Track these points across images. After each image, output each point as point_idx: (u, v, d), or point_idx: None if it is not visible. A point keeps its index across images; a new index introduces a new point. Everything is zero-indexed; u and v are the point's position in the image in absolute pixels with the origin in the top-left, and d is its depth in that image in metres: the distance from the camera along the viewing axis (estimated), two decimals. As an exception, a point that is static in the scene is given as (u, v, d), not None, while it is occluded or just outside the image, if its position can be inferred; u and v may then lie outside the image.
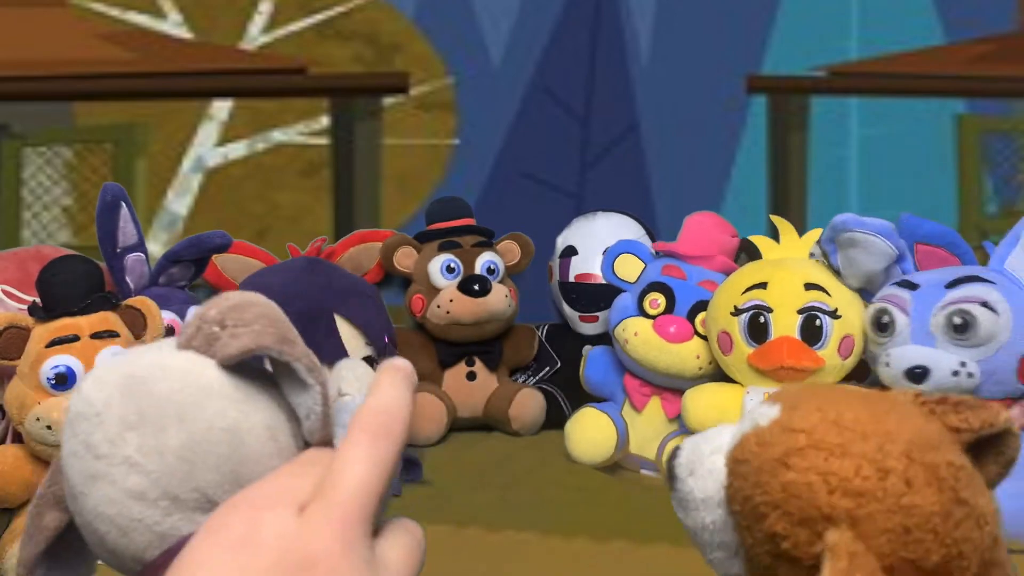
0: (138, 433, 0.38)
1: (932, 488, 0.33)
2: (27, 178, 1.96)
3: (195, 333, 0.40)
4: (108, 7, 1.96)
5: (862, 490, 0.33)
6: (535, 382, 1.31)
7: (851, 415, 0.35)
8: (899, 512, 0.33)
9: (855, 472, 0.34)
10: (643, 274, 1.13)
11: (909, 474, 0.33)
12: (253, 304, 0.40)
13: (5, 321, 0.87)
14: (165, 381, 0.39)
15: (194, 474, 0.38)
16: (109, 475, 0.38)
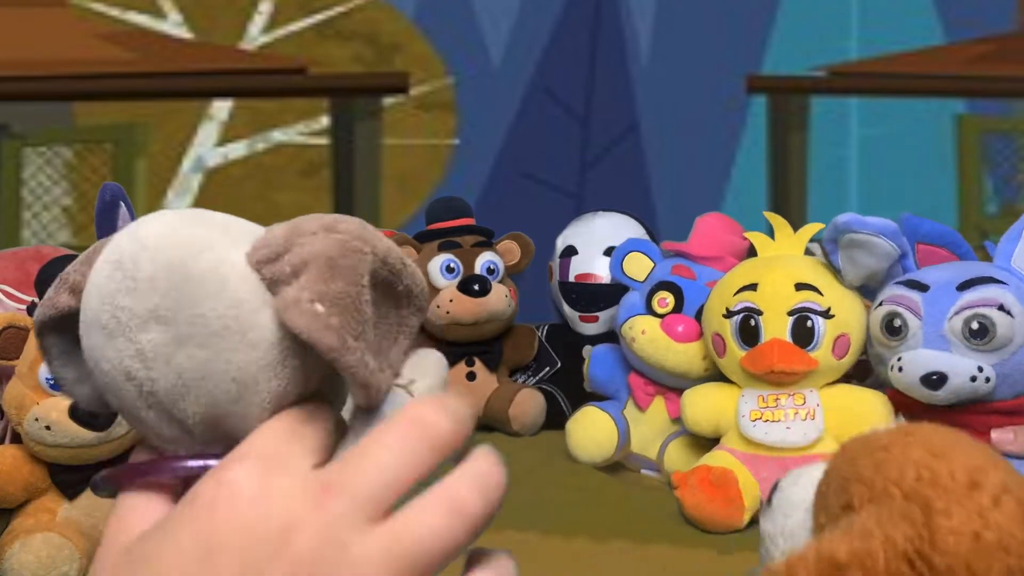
0: (161, 330, 0.36)
1: (1018, 518, 0.33)
2: (27, 178, 1.96)
3: (272, 263, 0.37)
4: (108, 7, 1.96)
5: (948, 487, 0.34)
6: (535, 382, 1.31)
7: (966, 442, 0.36)
8: (977, 521, 0.33)
9: (949, 473, 0.34)
10: (652, 273, 1.13)
11: (1002, 498, 0.34)
12: (343, 270, 0.36)
13: (4, 321, 0.87)
14: (215, 300, 0.36)
15: (184, 397, 0.36)
16: (116, 341, 0.36)
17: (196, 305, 0.36)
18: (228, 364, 0.36)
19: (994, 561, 0.33)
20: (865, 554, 0.32)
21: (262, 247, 0.37)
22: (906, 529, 0.33)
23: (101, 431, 0.84)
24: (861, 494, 0.35)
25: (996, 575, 0.33)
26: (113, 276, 0.37)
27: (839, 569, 0.32)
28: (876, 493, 0.35)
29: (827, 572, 0.32)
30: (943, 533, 0.33)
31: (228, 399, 0.36)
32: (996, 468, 0.35)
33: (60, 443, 0.85)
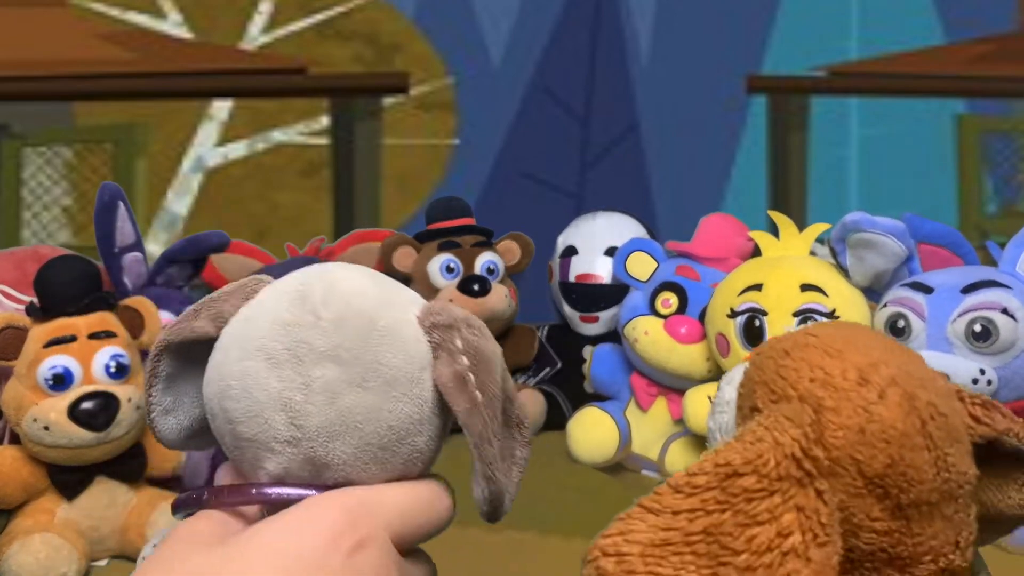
0: (336, 370, 0.38)
1: (901, 409, 0.36)
2: (27, 178, 1.95)
3: (444, 329, 0.40)
4: (108, 7, 1.96)
5: (838, 386, 0.36)
6: (535, 383, 1.31)
7: (865, 339, 0.38)
8: (862, 414, 0.36)
9: (840, 372, 0.37)
10: (656, 273, 1.13)
11: (887, 391, 0.36)
12: (497, 371, 0.40)
13: (2, 321, 0.87)
14: (393, 351, 0.39)
15: (337, 435, 0.38)
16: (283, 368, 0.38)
17: (376, 353, 0.38)
18: (390, 413, 0.38)
19: (877, 452, 0.35)
20: (756, 458, 0.34)
21: (435, 314, 0.41)
22: (792, 431, 0.35)
23: (100, 432, 0.84)
24: (764, 397, 0.38)
25: (879, 465, 0.35)
26: (293, 309, 0.39)
27: (736, 474, 0.33)
28: (777, 396, 0.37)
29: (725, 478, 0.33)
30: (831, 429, 0.36)
31: (379, 445, 0.39)
32: (887, 364, 0.37)
33: (59, 444, 0.85)
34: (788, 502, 0.33)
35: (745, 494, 0.33)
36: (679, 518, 0.33)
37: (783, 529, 0.33)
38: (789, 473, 0.34)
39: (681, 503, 0.34)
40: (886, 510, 0.36)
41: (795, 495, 0.34)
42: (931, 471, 0.36)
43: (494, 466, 0.40)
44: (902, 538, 0.36)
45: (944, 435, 0.36)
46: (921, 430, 0.36)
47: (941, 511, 0.36)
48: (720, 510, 0.33)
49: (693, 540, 0.33)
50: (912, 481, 0.35)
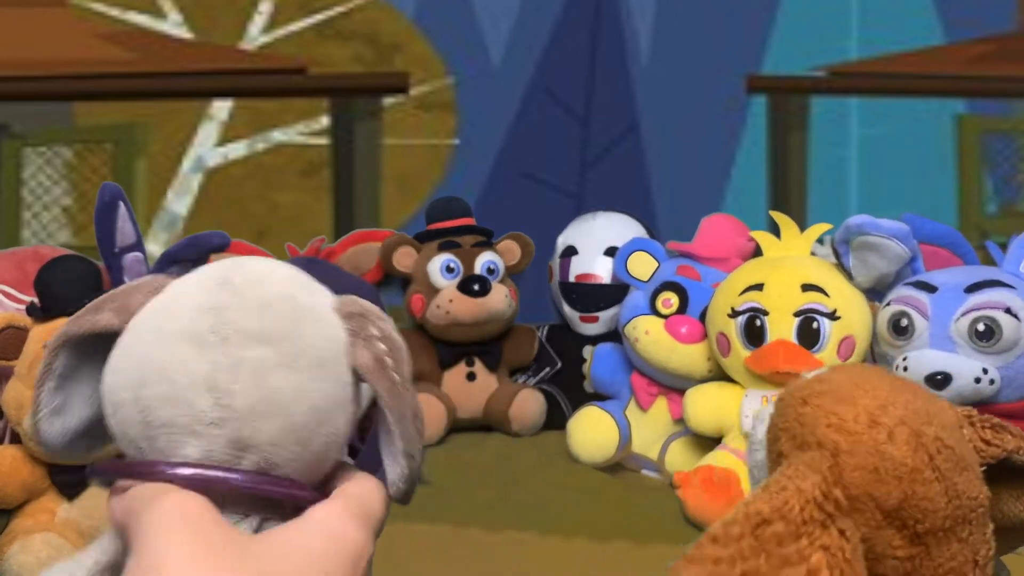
0: (265, 350, 0.39)
1: (909, 447, 0.39)
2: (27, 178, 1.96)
3: (358, 318, 0.41)
4: (108, 7, 1.96)
5: (851, 430, 0.40)
6: (535, 382, 1.31)
7: (873, 382, 0.42)
8: (875, 455, 0.39)
9: (853, 418, 0.40)
10: (657, 273, 1.13)
11: (895, 431, 0.40)
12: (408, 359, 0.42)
13: (3, 321, 0.87)
14: (318, 332, 0.40)
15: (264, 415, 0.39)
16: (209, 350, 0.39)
17: (304, 334, 0.39)
18: (314, 392, 0.39)
19: (891, 488, 0.39)
20: (782, 505, 0.38)
21: (349, 304, 0.41)
22: (812, 477, 0.39)
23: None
24: (788, 443, 0.42)
25: (895, 500, 0.39)
26: (219, 294, 0.39)
27: (765, 522, 0.37)
28: (798, 441, 0.41)
29: (756, 526, 0.37)
30: (849, 470, 0.39)
31: (303, 425, 0.39)
32: (895, 404, 0.41)
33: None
34: (814, 543, 0.37)
35: (775, 539, 0.37)
36: (720, 566, 0.37)
37: (812, 568, 0.37)
38: (813, 517, 0.37)
39: (720, 551, 0.37)
40: (905, 539, 0.39)
41: (820, 536, 0.37)
42: (942, 500, 0.39)
43: (414, 445, 0.40)
44: (923, 563, 0.40)
45: (952, 466, 0.40)
46: (929, 464, 0.39)
47: (956, 535, 0.40)
48: (755, 556, 0.37)
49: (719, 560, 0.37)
50: (926, 512, 0.39)
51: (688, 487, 0.98)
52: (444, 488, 1.10)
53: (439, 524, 0.99)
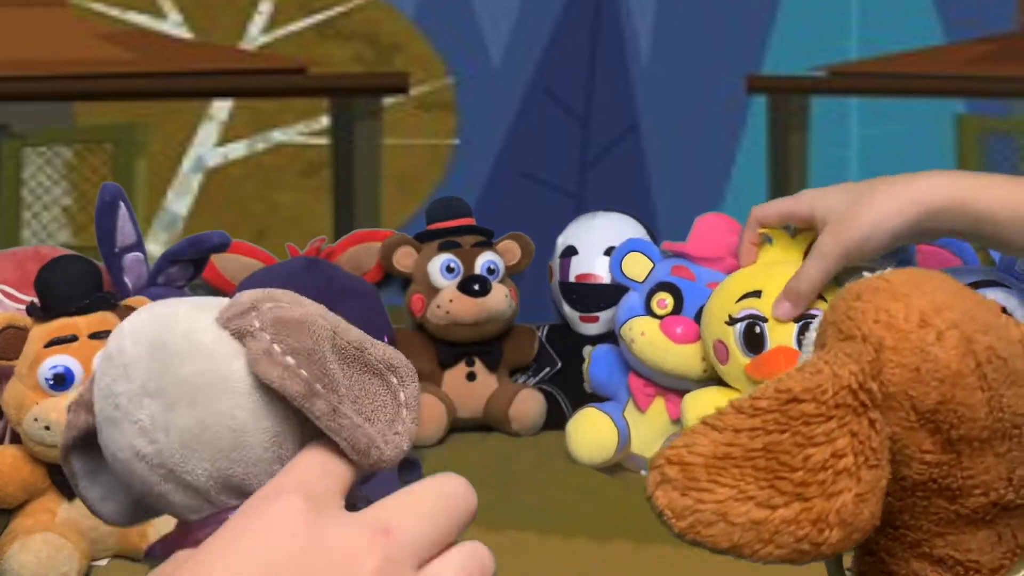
0: (154, 402, 0.39)
1: (958, 351, 0.38)
2: (27, 178, 1.96)
3: (240, 317, 0.40)
4: (108, 7, 1.96)
5: (900, 328, 0.39)
6: (535, 382, 1.31)
7: (934, 284, 0.40)
8: (919, 354, 0.38)
9: (904, 316, 0.39)
10: (651, 274, 1.13)
11: (945, 333, 0.38)
12: (308, 330, 0.39)
13: (3, 321, 0.87)
14: (190, 361, 0.39)
15: (189, 459, 0.39)
16: (122, 426, 0.40)
17: (177, 369, 0.39)
18: (218, 415, 0.39)
19: (930, 389, 0.38)
20: (816, 387, 0.36)
21: (230, 307, 0.41)
22: (850, 365, 0.37)
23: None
24: (833, 336, 0.40)
25: (931, 401, 0.37)
26: (107, 370, 0.40)
27: (796, 400, 0.36)
28: (844, 335, 0.40)
29: (786, 403, 0.36)
30: (890, 367, 0.38)
31: (229, 448, 0.39)
32: (951, 308, 0.39)
33: (60, 443, 0.85)
34: (843, 427, 0.36)
35: (804, 418, 0.36)
36: (741, 435, 0.36)
37: (837, 451, 0.35)
38: (845, 402, 0.36)
39: (743, 422, 0.36)
40: (937, 444, 0.38)
41: (850, 422, 0.36)
42: (983, 410, 0.37)
43: (329, 418, 0.38)
44: (951, 470, 0.38)
45: (1001, 377, 0.38)
46: (976, 370, 0.38)
47: (993, 448, 0.38)
48: (780, 431, 0.36)
49: (754, 455, 0.35)
50: (963, 418, 0.37)
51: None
52: (444, 488, 1.09)
53: (439, 524, 0.99)
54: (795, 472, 0.35)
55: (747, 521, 0.35)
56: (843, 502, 0.35)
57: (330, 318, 0.41)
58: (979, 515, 0.39)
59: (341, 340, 0.41)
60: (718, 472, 0.36)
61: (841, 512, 0.35)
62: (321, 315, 0.41)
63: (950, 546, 0.39)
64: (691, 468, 0.36)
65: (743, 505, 0.35)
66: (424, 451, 1.18)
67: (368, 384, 0.40)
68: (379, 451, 0.38)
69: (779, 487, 0.35)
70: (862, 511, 0.35)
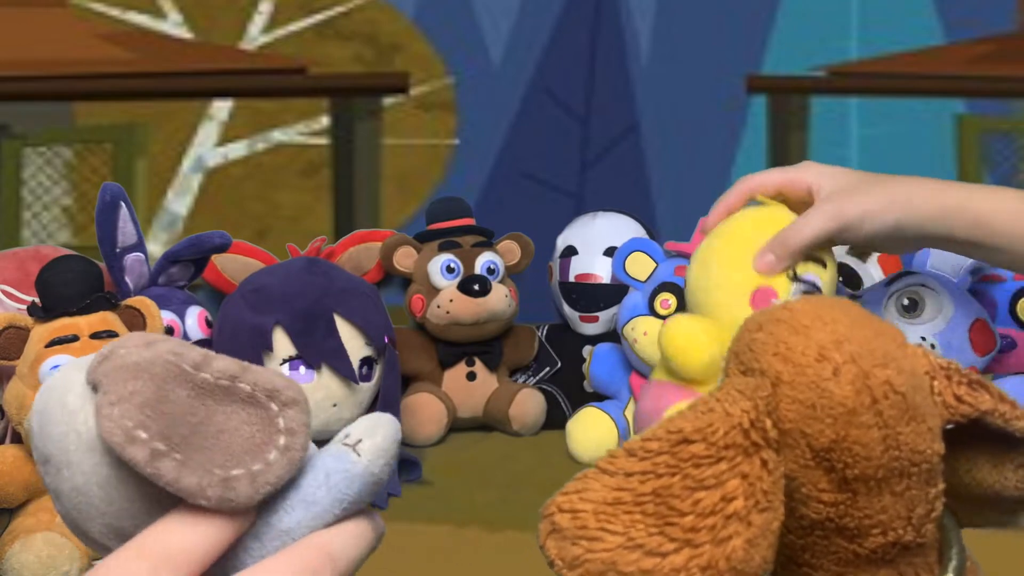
0: (47, 469, 0.38)
1: (853, 387, 0.37)
2: (27, 178, 1.96)
3: (93, 370, 0.38)
4: (108, 7, 1.96)
5: (797, 362, 0.38)
6: (535, 382, 1.31)
7: (836, 315, 0.39)
8: (815, 390, 0.37)
9: (801, 350, 0.38)
10: (654, 274, 1.13)
11: (842, 368, 0.37)
12: (144, 374, 0.37)
13: (4, 321, 0.87)
14: (59, 424, 0.38)
15: (82, 520, 0.38)
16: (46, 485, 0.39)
17: (51, 434, 0.38)
18: (85, 473, 0.37)
19: (824, 427, 0.37)
20: (706, 427, 0.36)
21: (94, 359, 0.38)
22: (742, 403, 0.37)
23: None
24: (734, 367, 0.40)
25: (826, 440, 0.37)
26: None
27: (686, 441, 0.35)
28: (744, 367, 0.39)
29: (676, 444, 0.35)
30: (786, 402, 0.37)
31: (105, 504, 0.37)
32: (851, 340, 0.38)
33: None
34: (734, 469, 0.35)
35: (694, 460, 0.35)
36: (631, 479, 0.35)
37: (727, 494, 0.34)
38: (736, 442, 0.35)
39: (634, 466, 0.35)
40: (832, 483, 0.37)
41: (740, 463, 0.35)
42: (879, 448, 0.37)
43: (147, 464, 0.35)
44: (848, 510, 0.37)
45: (898, 414, 0.37)
46: (871, 407, 0.37)
47: (891, 487, 0.37)
48: (670, 474, 0.35)
49: (643, 500, 0.35)
50: (858, 457, 0.37)
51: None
52: (444, 488, 1.10)
53: (439, 524, 0.99)
54: (685, 517, 0.34)
55: (636, 570, 0.34)
56: (733, 547, 0.34)
57: (188, 354, 0.38)
58: (879, 555, 0.38)
59: (202, 375, 0.38)
60: (608, 519, 0.35)
61: (731, 558, 0.34)
62: (171, 351, 0.38)
63: None
64: (581, 516, 0.35)
65: (632, 553, 0.34)
66: (424, 451, 1.19)
67: (233, 417, 0.37)
68: (216, 491, 0.35)
69: (669, 533, 0.34)
70: (752, 556, 0.34)
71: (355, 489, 0.37)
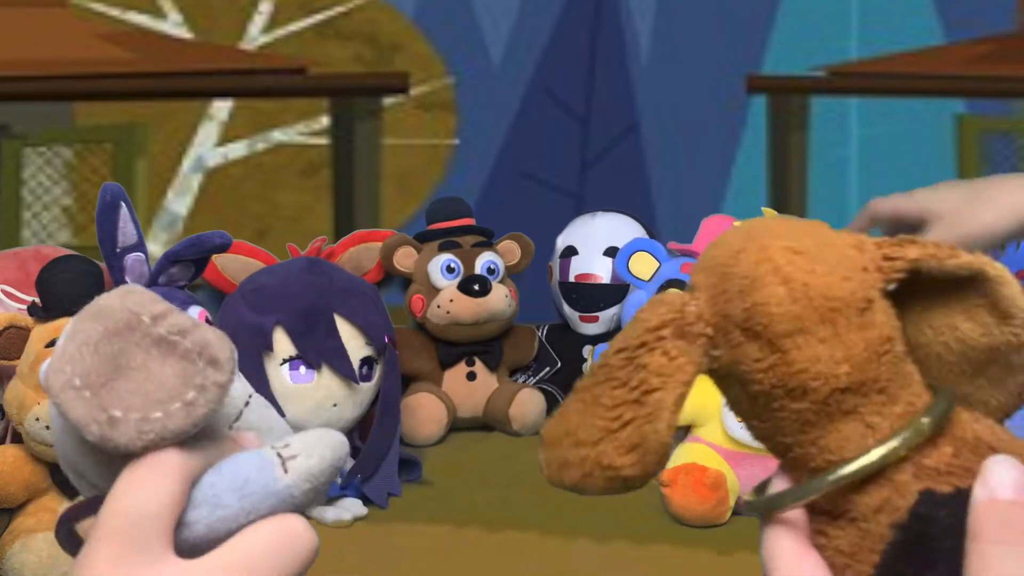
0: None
1: (750, 260, 0.40)
2: (27, 178, 1.96)
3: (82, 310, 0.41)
4: (108, 7, 1.96)
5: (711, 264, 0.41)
6: (535, 382, 1.31)
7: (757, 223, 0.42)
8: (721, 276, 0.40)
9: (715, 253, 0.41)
10: (659, 272, 1.14)
11: (744, 249, 0.40)
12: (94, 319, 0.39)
13: (5, 321, 0.87)
14: None
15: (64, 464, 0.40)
16: None
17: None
18: (55, 418, 0.40)
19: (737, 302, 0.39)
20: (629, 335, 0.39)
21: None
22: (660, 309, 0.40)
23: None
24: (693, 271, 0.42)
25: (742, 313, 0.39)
26: None
27: (617, 351, 0.40)
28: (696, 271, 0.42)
29: (613, 355, 0.40)
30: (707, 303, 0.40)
31: (60, 432, 0.39)
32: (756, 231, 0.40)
33: None
34: (639, 365, 0.39)
35: (618, 363, 0.39)
36: (584, 391, 0.40)
37: (633, 385, 0.39)
38: (643, 341, 0.39)
39: (588, 379, 0.40)
40: (762, 349, 0.39)
41: (644, 358, 0.39)
42: (786, 301, 0.39)
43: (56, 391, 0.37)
44: (785, 370, 0.39)
45: (802, 267, 0.39)
46: (772, 270, 0.39)
47: (815, 334, 0.39)
48: (605, 380, 0.40)
49: (587, 405, 0.40)
50: (771, 315, 0.39)
51: (676, 487, 0.98)
52: (444, 488, 1.10)
53: (439, 524, 0.99)
54: (608, 411, 0.39)
55: (577, 460, 0.40)
56: (635, 428, 0.39)
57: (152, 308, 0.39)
58: (832, 407, 0.39)
59: (155, 328, 0.38)
60: (566, 424, 0.40)
61: (631, 437, 0.39)
62: (137, 303, 0.39)
63: (824, 451, 0.40)
64: (553, 426, 0.41)
65: (577, 449, 0.40)
66: (424, 451, 1.19)
67: (166, 368, 0.37)
68: (100, 429, 0.36)
69: (597, 425, 0.39)
70: (647, 433, 0.39)
71: (268, 506, 0.36)
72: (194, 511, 0.36)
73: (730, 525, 0.99)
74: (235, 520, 0.36)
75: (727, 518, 0.99)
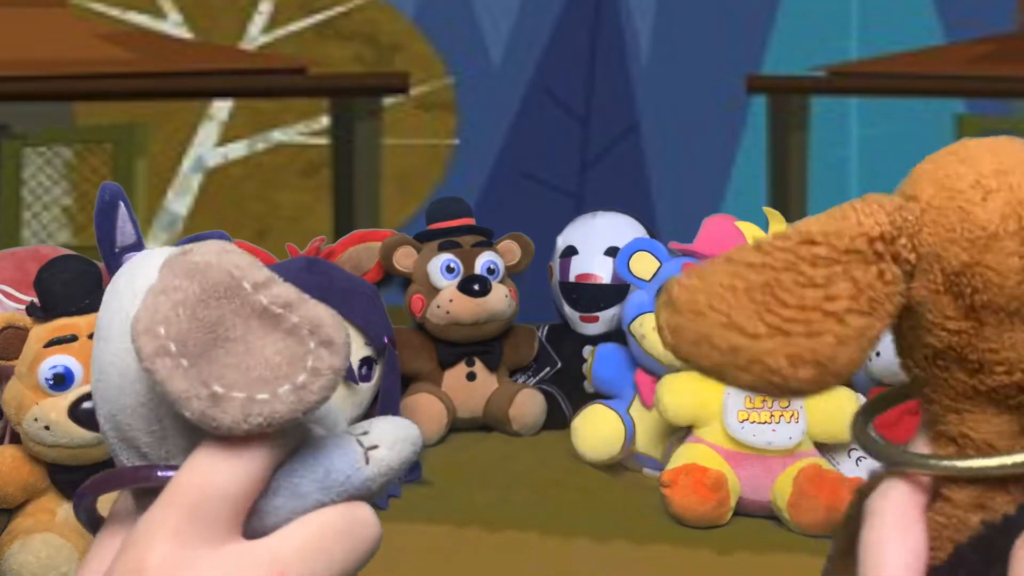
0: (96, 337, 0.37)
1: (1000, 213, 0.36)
2: (27, 178, 1.96)
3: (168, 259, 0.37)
4: (108, 7, 1.96)
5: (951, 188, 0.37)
6: (535, 382, 1.31)
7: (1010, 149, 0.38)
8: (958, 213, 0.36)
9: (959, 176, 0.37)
10: (661, 271, 1.14)
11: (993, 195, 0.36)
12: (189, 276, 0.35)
13: (3, 321, 0.87)
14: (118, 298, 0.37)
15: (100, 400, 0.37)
16: None
17: (110, 304, 0.37)
18: (115, 353, 0.35)
19: (960, 249, 0.36)
20: (834, 232, 0.36)
21: (176, 250, 0.37)
22: (879, 215, 0.37)
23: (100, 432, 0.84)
24: (899, 190, 0.40)
25: (959, 263, 0.36)
26: None
27: (811, 242, 0.36)
28: (904, 192, 0.39)
29: (800, 243, 0.36)
30: (928, 227, 0.37)
31: (116, 393, 0.36)
32: (1015, 172, 0.37)
33: (59, 443, 0.85)
34: (847, 273, 0.35)
35: (811, 259, 0.36)
36: (749, 269, 0.36)
37: (831, 295, 0.35)
38: (858, 248, 0.36)
39: (755, 258, 0.37)
40: (959, 309, 0.36)
41: (854, 268, 0.35)
42: (1014, 278, 0.35)
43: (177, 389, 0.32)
44: (972, 340, 0.36)
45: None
46: (1015, 235, 0.35)
47: (1022, 322, 0.36)
48: (785, 269, 0.36)
49: (753, 289, 0.36)
50: (989, 283, 0.35)
51: (677, 487, 0.98)
52: (444, 488, 1.10)
53: (439, 524, 0.99)
54: (786, 309, 0.35)
55: (727, 346, 0.36)
56: (823, 343, 0.35)
57: (253, 274, 0.37)
58: (1000, 396, 0.37)
59: (256, 296, 0.36)
60: (716, 299, 0.36)
61: (817, 351, 0.35)
62: (237, 265, 0.36)
63: (966, 424, 0.38)
64: (694, 292, 0.37)
65: (728, 331, 0.36)
66: (424, 451, 1.19)
67: (269, 343, 0.34)
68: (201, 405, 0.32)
69: (766, 320, 0.35)
70: (839, 354, 0.35)
71: (346, 496, 0.34)
72: (272, 499, 0.34)
73: (730, 526, 1.00)
74: (313, 509, 0.34)
75: (727, 519, 1.00)
